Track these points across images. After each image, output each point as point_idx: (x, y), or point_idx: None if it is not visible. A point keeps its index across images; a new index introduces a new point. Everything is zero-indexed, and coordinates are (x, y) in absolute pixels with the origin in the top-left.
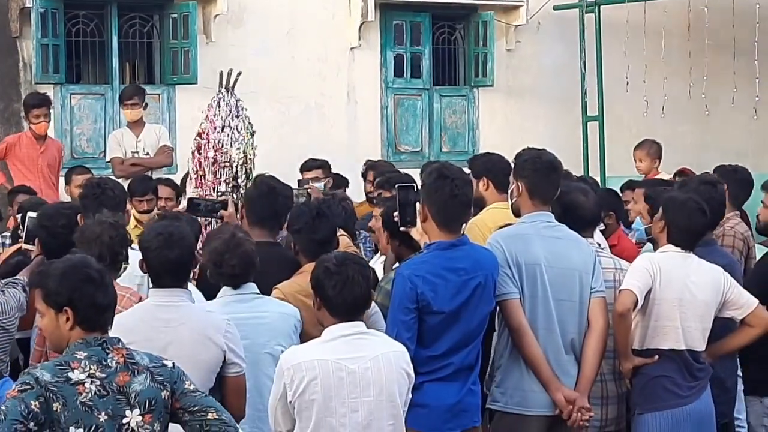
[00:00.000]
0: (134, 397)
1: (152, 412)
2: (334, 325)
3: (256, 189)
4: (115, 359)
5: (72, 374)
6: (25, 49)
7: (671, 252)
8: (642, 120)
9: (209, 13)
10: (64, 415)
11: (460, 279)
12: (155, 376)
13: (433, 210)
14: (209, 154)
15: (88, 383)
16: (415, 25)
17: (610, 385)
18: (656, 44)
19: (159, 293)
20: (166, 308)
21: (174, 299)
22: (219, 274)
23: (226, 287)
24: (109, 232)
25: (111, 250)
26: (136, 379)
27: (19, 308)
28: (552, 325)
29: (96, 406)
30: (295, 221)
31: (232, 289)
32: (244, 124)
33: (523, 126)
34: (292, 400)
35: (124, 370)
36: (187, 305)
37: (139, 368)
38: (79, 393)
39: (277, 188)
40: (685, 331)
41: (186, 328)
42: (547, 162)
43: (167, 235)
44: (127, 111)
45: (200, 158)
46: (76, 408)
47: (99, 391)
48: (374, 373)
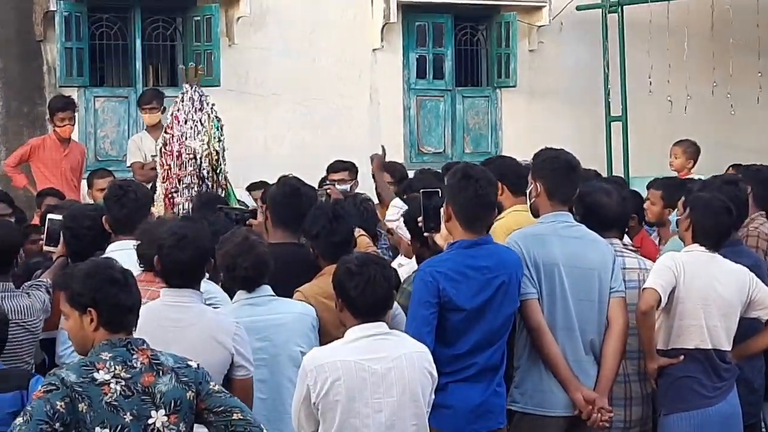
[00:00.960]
0: (159, 397)
1: (178, 413)
2: (356, 326)
3: (279, 190)
4: (140, 360)
5: (97, 375)
6: (49, 52)
7: (696, 251)
8: (666, 120)
9: (232, 15)
10: (89, 415)
11: (483, 277)
12: (180, 376)
13: (457, 210)
14: (174, 147)
15: (113, 384)
16: (437, 26)
17: (634, 386)
18: (680, 44)
19: (170, 293)
20: (177, 308)
21: (184, 300)
22: (232, 278)
23: (241, 291)
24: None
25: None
26: (161, 379)
27: (43, 310)
28: (571, 324)
29: (121, 407)
30: (312, 226)
31: (247, 293)
32: (209, 117)
33: (546, 127)
34: (316, 402)
35: (149, 370)
36: (197, 306)
37: (164, 369)
38: (105, 393)
39: (300, 189)
40: (709, 330)
41: (194, 329)
42: (566, 162)
43: (181, 235)
44: (145, 115)
45: (165, 152)
46: (101, 408)
47: (124, 391)
48: (397, 374)
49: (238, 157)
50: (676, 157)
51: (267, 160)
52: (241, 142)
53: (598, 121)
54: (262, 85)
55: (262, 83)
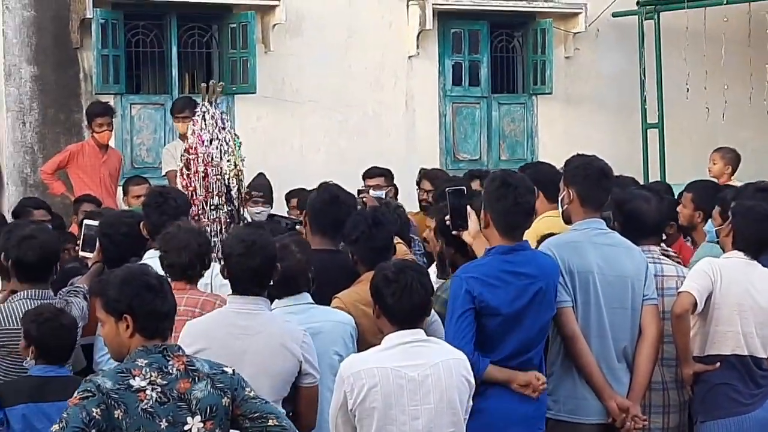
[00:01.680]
0: (195, 403)
1: (213, 419)
2: (393, 333)
3: (319, 197)
4: (175, 366)
5: (133, 381)
6: (85, 59)
7: (735, 258)
8: (703, 127)
9: (268, 22)
10: (125, 422)
11: (520, 283)
12: (216, 383)
13: (495, 217)
14: (199, 168)
15: (149, 390)
16: (473, 33)
17: (672, 394)
18: (716, 51)
19: (238, 300)
20: (245, 315)
21: (253, 307)
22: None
23: (282, 300)
24: (197, 239)
25: (199, 257)
26: (197, 386)
27: (81, 317)
28: (604, 332)
29: (157, 413)
30: (351, 231)
31: (286, 300)
32: (231, 135)
33: (583, 134)
34: (353, 408)
35: (184, 377)
36: (265, 313)
37: (199, 375)
38: (141, 400)
39: (340, 197)
40: (746, 337)
41: (263, 337)
42: (598, 168)
43: (250, 242)
44: (178, 123)
45: (189, 174)
46: (137, 415)
47: (160, 398)
48: (434, 380)
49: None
50: (714, 163)
51: (303, 167)
52: (277, 149)
53: (634, 128)
54: (298, 92)
55: (298, 90)
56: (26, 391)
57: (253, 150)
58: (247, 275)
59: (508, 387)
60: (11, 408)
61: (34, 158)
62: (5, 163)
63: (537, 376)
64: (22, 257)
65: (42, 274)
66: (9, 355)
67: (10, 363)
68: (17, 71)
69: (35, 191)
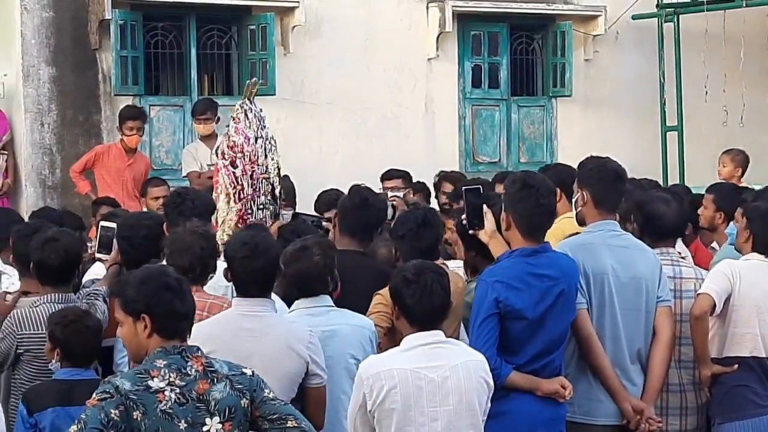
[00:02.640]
0: (214, 404)
1: (232, 420)
2: (412, 335)
3: (350, 199)
4: (194, 367)
5: (152, 382)
6: (104, 61)
7: (754, 260)
8: (722, 130)
9: (287, 24)
10: (144, 423)
11: (544, 285)
12: (234, 384)
13: (517, 218)
14: (246, 167)
15: (167, 391)
16: (492, 35)
17: (689, 396)
18: (735, 53)
19: (243, 302)
20: (251, 318)
21: (258, 309)
22: (285, 284)
23: (301, 300)
24: (200, 242)
25: (201, 260)
26: (216, 387)
27: (103, 321)
28: (618, 334)
29: (176, 414)
30: (399, 227)
31: (306, 301)
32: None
33: (602, 136)
34: (372, 410)
35: (203, 378)
36: (271, 315)
37: (218, 376)
38: (159, 401)
39: (370, 200)
40: (764, 339)
41: (269, 339)
42: (613, 170)
43: (253, 245)
44: (199, 126)
45: (235, 172)
46: (156, 416)
47: (179, 399)
48: (454, 382)
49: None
50: (724, 166)
51: (321, 169)
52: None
53: (653, 130)
54: (317, 94)
55: (317, 92)
56: (53, 395)
57: None
58: (251, 277)
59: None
60: (40, 413)
61: (52, 160)
62: (23, 165)
63: (563, 384)
64: (45, 260)
65: (64, 277)
66: (34, 359)
67: (36, 367)
68: (36, 72)
69: (53, 193)
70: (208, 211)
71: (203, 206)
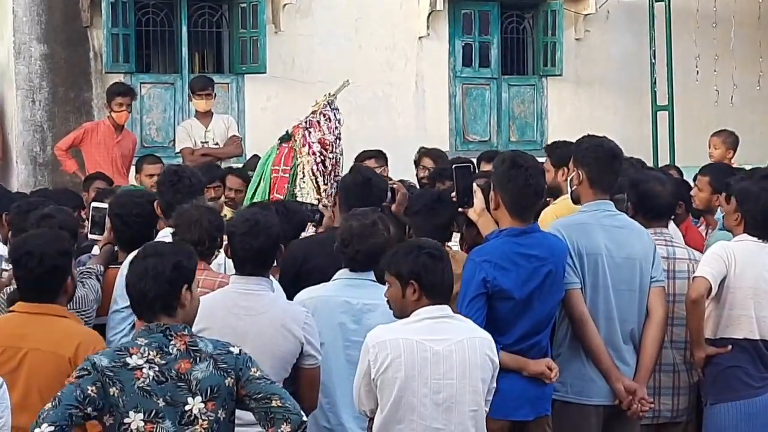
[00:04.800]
0: (195, 384)
1: (215, 400)
2: (423, 308)
3: (352, 178)
4: (176, 346)
5: (130, 359)
6: (95, 38)
7: (747, 241)
8: (712, 110)
9: (278, 2)
10: (122, 399)
11: (531, 265)
12: (219, 363)
13: (506, 198)
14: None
15: (146, 369)
16: (483, 14)
17: (682, 376)
18: (726, 33)
19: (240, 280)
20: (247, 296)
21: (255, 288)
22: (342, 254)
23: (345, 270)
24: (208, 216)
25: (209, 234)
26: (198, 366)
27: (96, 300)
28: (611, 314)
29: (154, 392)
30: (415, 203)
31: (350, 272)
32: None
33: (592, 116)
34: (375, 378)
35: (185, 357)
36: (267, 294)
37: (201, 355)
38: (137, 378)
39: (372, 179)
40: (759, 321)
41: (265, 318)
42: (609, 150)
43: (253, 222)
44: (201, 101)
45: (324, 170)
46: (133, 393)
47: (157, 377)
48: (458, 356)
49: None
50: (715, 148)
51: None
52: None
53: (644, 110)
54: (307, 72)
55: (307, 70)
56: None
57: (263, 129)
58: (249, 255)
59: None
60: None
61: (43, 137)
62: (14, 141)
63: (549, 365)
64: None
65: None
66: None
67: None
68: (27, 50)
69: (44, 169)
70: (201, 189)
71: (199, 183)
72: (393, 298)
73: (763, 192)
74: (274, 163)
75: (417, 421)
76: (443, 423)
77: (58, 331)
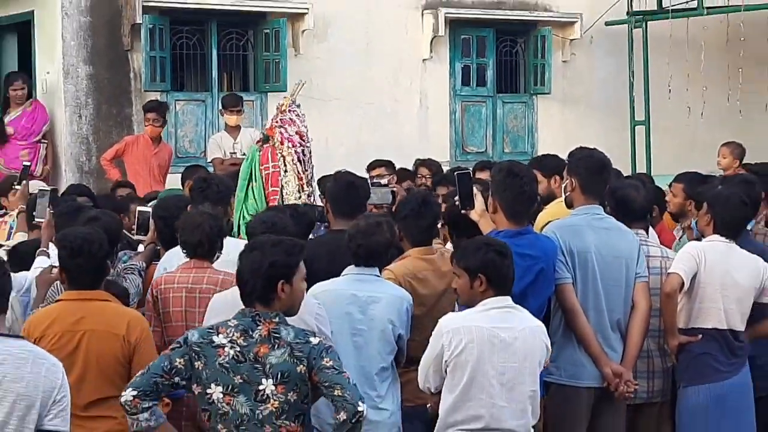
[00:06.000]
0: (269, 368)
1: (285, 384)
2: (490, 299)
3: (336, 184)
4: (260, 332)
5: (216, 338)
6: (135, 60)
7: (716, 241)
8: (684, 125)
9: (297, 28)
10: (205, 372)
11: (525, 264)
12: (294, 351)
13: (503, 203)
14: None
15: (227, 348)
16: (480, 39)
17: (656, 361)
18: (697, 56)
19: None
20: None
21: None
22: (348, 248)
23: (352, 266)
24: (209, 222)
25: (209, 238)
26: (274, 352)
27: (137, 293)
28: (600, 306)
29: (232, 369)
30: (402, 208)
31: (356, 268)
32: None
33: (578, 130)
34: (448, 360)
35: (265, 342)
36: None
37: (280, 342)
38: (219, 355)
39: (354, 182)
40: (726, 313)
41: None
42: (599, 160)
43: (270, 224)
44: (232, 116)
45: (303, 158)
46: (215, 368)
47: (237, 357)
48: (521, 343)
49: None
50: (724, 157)
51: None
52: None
53: (623, 125)
54: (324, 90)
55: (324, 89)
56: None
57: None
58: None
59: None
60: None
61: (89, 148)
62: (63, 153)
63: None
64: None
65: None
66: None
67: None
68: (75, 71)
69: (90, 177)
70: (229, 195)
71: (226, 189)
72: (462, 288)
73: (732, 196)
74: (261, 163)
75: (485, 399)
76: (506, 401)
77: (108, 312)
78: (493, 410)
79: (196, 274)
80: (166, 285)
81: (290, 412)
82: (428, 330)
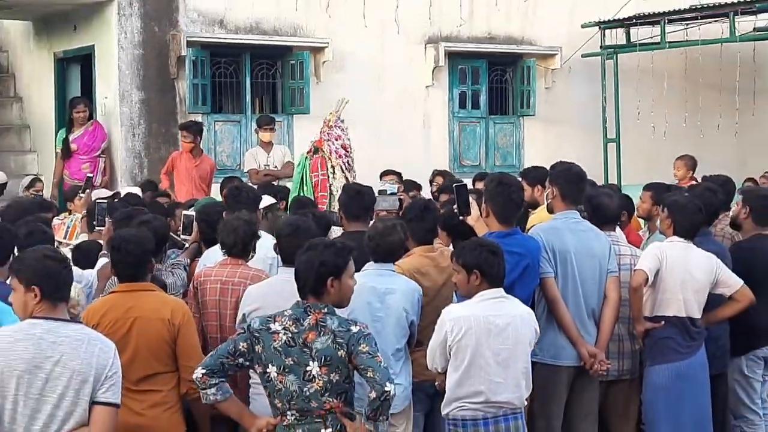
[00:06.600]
0: (314, 352)
1: (328, 366)
2: (486, 290)
3: (346, 194)
4: (309, 321)
5: (272, 325)
6: (180, 87)
7: (676, 242)
8: (649, 142)
9: (319, 60)
10: (264, 354)
11: (513, 260)
12: (337, 337)
13: (495, 209)
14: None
15: (281, 333)
16: (475, 69)
17: (626, 344)
18: (660, 83)
19: (287, 270)
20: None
21: None
22: (368, 246)
23: (371, 263)
24: (244, 227)
25: (242, 240)
26: (320, 339)
27: (183, 285)
28: (578, 297)
29: (284, 352)
30: (408, 212)
31: (374, 263)
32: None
33: (558, 146)
34: (451, 344)
35: (313, 329)
36: None
37: (325, 330)
38: (274, 340)
39: (361, 190)
40: (685, 303)
41: None
42: (576, 172)
43: (295, 226)
44: (266, 134)
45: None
46: (270, 351)
47: (289, 341)
48: (513, 328)
49: None
50: (678, 170)
51: None
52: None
53: (597, 142)
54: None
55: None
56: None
57: None
58: (293, 251)
59: None
60: None
61: (141, 162)
62: (119, 166)
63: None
64: None
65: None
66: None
67: None
68: (129, 96)
69: None
70: (257, 201)
71: (255, 197)
72: (461, 282)
73: (689, 203)
74: (311, 170)
75: (483, 377)
76: (502, 378)
77: (155, 301)
78: (491, 386)
79: (230, 270)
80: (205, 278)
81: (333, 390)
82: (430, 317)
